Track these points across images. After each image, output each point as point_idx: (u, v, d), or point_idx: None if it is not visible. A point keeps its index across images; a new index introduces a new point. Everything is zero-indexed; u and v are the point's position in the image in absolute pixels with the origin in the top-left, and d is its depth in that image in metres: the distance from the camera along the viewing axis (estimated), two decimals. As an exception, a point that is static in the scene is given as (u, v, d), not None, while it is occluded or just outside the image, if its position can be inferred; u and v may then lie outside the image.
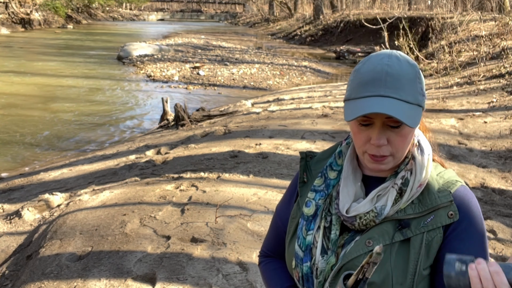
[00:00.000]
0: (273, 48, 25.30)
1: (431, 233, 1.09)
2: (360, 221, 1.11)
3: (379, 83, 1.07)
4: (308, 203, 1.20)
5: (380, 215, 1.10)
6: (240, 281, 2.86)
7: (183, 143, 6.57)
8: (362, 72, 1.11)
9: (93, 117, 10.39)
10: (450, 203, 1.10)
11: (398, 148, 1.10)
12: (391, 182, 1.13)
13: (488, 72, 9.65)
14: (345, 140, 1.26)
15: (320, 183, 1.22)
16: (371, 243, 1.09)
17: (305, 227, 1.18)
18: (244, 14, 57.89)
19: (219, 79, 14.70)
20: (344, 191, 1.16)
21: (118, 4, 56.43)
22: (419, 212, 1.10)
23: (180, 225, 3.52)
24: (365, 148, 1.11)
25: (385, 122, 1.09)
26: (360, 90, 1.09)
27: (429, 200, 1.11)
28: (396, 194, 1.11)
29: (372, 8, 30.53)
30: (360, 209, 1.11)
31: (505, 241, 3.57)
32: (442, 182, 1.14)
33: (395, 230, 1.10)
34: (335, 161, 1.23)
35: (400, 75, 1.08)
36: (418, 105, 1.11)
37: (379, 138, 1.08)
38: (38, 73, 15.41)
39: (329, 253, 1.13)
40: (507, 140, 5.91)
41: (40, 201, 4.42)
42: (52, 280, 2.95)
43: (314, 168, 1.27)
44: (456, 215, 1.09)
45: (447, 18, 15.25)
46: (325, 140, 5.91)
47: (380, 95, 1.06)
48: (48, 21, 36.76)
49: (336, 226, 1.15)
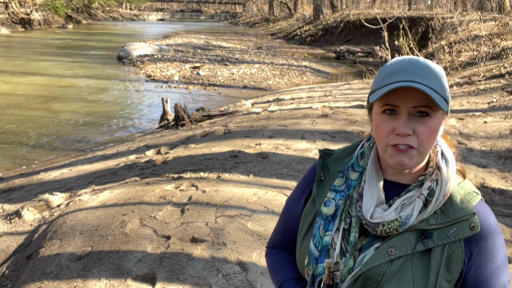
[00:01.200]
0: (273, 48, 25.30)
1: (452, 246, 1.08)
2: (383, 228, 1.10)
3: (407, 71, 1.06)
4: (328, 202, 1.18)
5: (404, 225, 1.09)
6: (240, 281, 2.86)
7: (183, 143, 6.57)
8: (389, 66, 1.11)
9: (93, 117, 10.39)
10: (473, 215, 1.09)
11: (423, 141, 1.07)
12: (416, 191, 1.11)
13: (488, 72, 9.65)
14: (366, 141, 1.24)
15: (341, 183, 1.19)
16: (393, 252, 1.08)
17: (323, 226, 1.17)
18: (244, 14, 57.89)
19: (219, 79, 14.70)
20: (368, 194, 1.14)
21: (118, 4, 56.43)
22: (442, 223, 1.09)
23: (180, 225, 3.52)
24: (388, 140, 1.08)
25: (411, 112, 1.07)
26: (387, 79, 1.08)
27: (452, 211, 1.10)
28: (422, 204, 1.10)
29: (372, 8, 30.54)
30: (385, 217, 1.10)
31: (505, 241, 3.57)
32: (463, 193, 1.13)
33: (417, 240, 1.08)
34: (357, 162, 1.21)
35: (428, 68, 1.08)
36: (446, 101, 1.08)
37: (404, 126, 1.05)
38: (38, 73, 15.40)
39: (347, 256, 1.12)
40: (507, 140, 5.91)
41: (40, 201, 4.42)
42: (52, 280, 2.95)
43: (331, 166, 1.25)
44: (477, 228, 1.08)
45: (447, 18, 15.25)
46: (325, 140, 5.91)
47: (409, 80, 1.04)
48: (48, 21, 36.76)
49: (356, 228, 1.14)
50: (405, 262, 1.07)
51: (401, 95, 1.06)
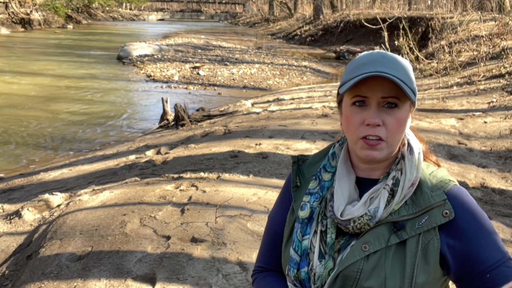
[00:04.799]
0: (273, 48, 25.30)
1: (427, 235, 1.07)
2: (354, 225, 1.09)
3: (376, 63, 1.08)
4: (303, 206, 1.18)
5: (374, 218, 1.08)
6: (240, 281, 2.86)
7: (183, 143, 6.57)
8: (358, 59, 1.13)
9: (93, 117, 10.39)
10: (444, 202, 1.07)
11: (392, 132, 1.08)
12: (382, 183, 1.12)
13: (488, 72, 9.65)
14: (337, 142, 1.25)
15: (315, 185, 1.20)
16: (367, 247, 1.07)
17: (300, 230, 1.16)
18: (244, 14, 57.88)
19: (219, 79, 14.70)
20: (339, 192, 1.14)
21: (118, 4, 56.42)
22: (413, 213, 1.08)
23: (180, 225, 3.52)
24: (359, 132, 1.09)
25: (380, 103, 1.08)
26: (357, 70, 1.09)
27: (422, 200, 1.09)
28: (388, 195, 1.09)
29: (372, 8, 30.53)
30: (354, 213, 1.09)
31: (505, 241, 3.57)
32: (435, 181, 1.12)
33: (390, 233, 1.08)
34: (328, 162, 1.22)
35: (396, 61, 1.10)
36: (413, 92, 1.10)
37: (374, 116, 1.07)
38: (38, 73, 15.40)
39: (326, 258, 1.11)
40: (507, 140, 5.91)
41: (40, 201, 4.42)
42: (52, 280, 2.95)
43: (306, 172, 1.25)
44: (451, 214, 1.06)
45: (447, 18, 15.24)
46: (325, 140, 5.91)
47: (377, 71, 1.06)
48: (48, 21, 36.75)
49: (332, 229, 1.13)
50: (381, 257, 1.06)
51: (370, 86, 1.07)
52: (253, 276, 1.35)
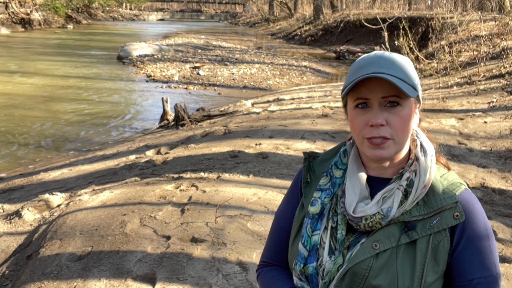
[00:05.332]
0: (273, 48, 25.30)
1: (437, 236, 1.09)
2: (366, 223, 1.11)
3: (373, 64, 1.11)
4: (314, 202, 1.20)
5: (387, 217, 1.10)
6: (240, 281, 2.86)
7: (183, 143, 6.57)
8: (356, 62, 1.15)
9: (92, 117, 10.39)
10: (456, 204, 1.10)
11: (397, 130, 1.10)
12: (396, 183, 1.13)
13: (488, 72, 9.65)
14: (349, 140, 1.26)
15: (326, 182, 1.21)
16: (377, 245, 1.09)
17: (310, 225, 1.17)
18: (244, 14, 57.89)
19: (219, 79, 14.70)
20: (350, 189, 1.15)
21: (118, 4, 56.42)
22: (425, 214, 1.10)
23: (180, 225, 3.52)
24: (364, 133, 1.11)
25: (381, 103, 1.10)
26: (355, 74, 1.11)
27: (434, 201, 1.11)
28: (401, 195, 1.11)
29: (372, 8, 30.53)
30: (367, 211, 1.11)
31: (505, 241, 3.57)
32: (446, 184, 1.14)
33: (401, 232, 1.09)
34: (340, 160, 1.23)
35: (393, 60, 1.12)
36: (414, 88, 1.11)
37: (376, 117, 1.09)
38: (38, 73, 15.40)
39: (336, 254, 1.13)
40: (507, 140, 5.91)
41: (40, 201, 4.42)
42: (52, 280, 2.95)
43: (317, 168, 1.26)
44: (462, 216, 1.09)
45: (447, 18, 15.24)
46: (325, 140, 5.91)
47: (374, 72, 1.08)
48: (48, 21, 36.75)
49: (342, 226, 1.15)
50: (390, 256, 1.08)
51: (370, 87, 1.09)
52: (258, 271, 1.37)
